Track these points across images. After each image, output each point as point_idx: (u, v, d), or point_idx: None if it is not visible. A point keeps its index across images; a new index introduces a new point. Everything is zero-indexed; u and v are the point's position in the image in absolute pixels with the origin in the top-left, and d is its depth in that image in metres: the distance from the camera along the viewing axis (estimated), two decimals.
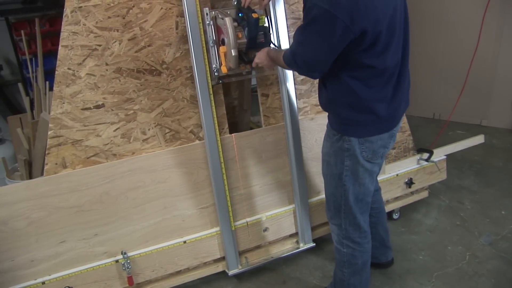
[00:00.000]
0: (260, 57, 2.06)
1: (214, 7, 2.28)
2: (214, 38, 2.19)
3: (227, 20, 2.04)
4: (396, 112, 1.88)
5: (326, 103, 1.92)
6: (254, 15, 2.01)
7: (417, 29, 4.71)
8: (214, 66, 2.22)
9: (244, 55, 2.12)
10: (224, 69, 2.17)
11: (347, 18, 1.54)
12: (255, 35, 2.07)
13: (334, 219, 2.10)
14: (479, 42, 3.34)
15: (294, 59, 1.75)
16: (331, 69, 1.73)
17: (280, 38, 2.33)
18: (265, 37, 2.11)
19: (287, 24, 2.35)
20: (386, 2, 1.65)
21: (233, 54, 2.07)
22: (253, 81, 2.26)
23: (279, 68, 2.33)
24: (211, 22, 2.16)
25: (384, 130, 1.88)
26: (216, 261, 2.50)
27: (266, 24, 2.15)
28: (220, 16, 2.10)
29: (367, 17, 1.58)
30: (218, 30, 2.17)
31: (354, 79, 1.74)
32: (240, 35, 2.08)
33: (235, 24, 2.07)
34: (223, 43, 2.14)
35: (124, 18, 2.06)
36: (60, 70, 2.00)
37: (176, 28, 2.17)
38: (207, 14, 2.15)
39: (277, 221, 2.58)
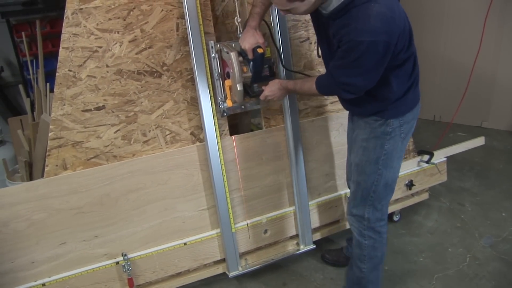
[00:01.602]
0: (272, 90, 2.11)
1: (219, 39, 2.33)
2: (219, 71, 2.22)
3: (233, 55, 2.06)
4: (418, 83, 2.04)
5: (374, 110, 1.95)
6: (259, 50, 2.04)
7: (419, 31, 4.70)
8: (219, 98, 2.25)
9: (249, 88, 2.16)
10: (229, 103, 2.21)
11: (387, 37, 1.66)
12: (261, 69, 2.11)
13: (357, 208, 2.12)
14: (481, 44, 3.34)
15: (346, 89, 1.83)
16: (380, 79, 1.81)
17: (281, 41, 2.33)
18: (270, 70, 2.16)
19: (287, 26, 2.35)
20: (398, 6, 1.73)
21: (238, 89, 2.10)
22: None
23: (281, 71, 2.34)
24: (216, 55, 2.19)
25: (417, 101, 2.04)
26: (217, 263, 2.50)
27: (269, 52, 2.19)
28: (225, 50, 2.12)
29: (398, 28, 1.70)
30: (223, 63, 2.20)
31: (399, 77, 1.86)
32: (245, 69, 2.12)
33: (240, 58, 2.10)
34: (228, 76, 2.18)
35: (124, 20, 2.07)
36: (60, 72, 2.00)
37: (177, 30, 2.18)
38: (212, 47, 2.18)
39: (278, 223, 2.58)
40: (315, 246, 2.66)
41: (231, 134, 2.37)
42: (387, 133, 1.96)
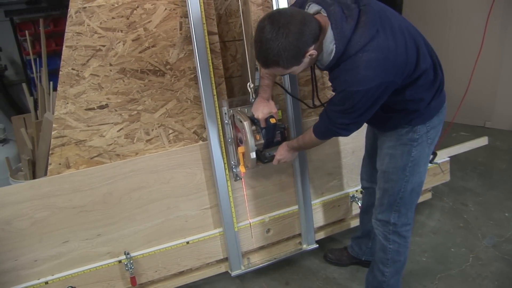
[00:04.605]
0: (282, 153, 2.18)
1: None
2: (232, 136, 2.29)
3: (246, 125, 2.13)
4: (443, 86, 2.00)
5: (405, 121, 1.94)
6: (272, 120, 2.12)
7: (420, 30, 4.70)
8: (232, 162, 2.33)
9: (261, 154, 2.21)
10: (242, 169, 2.29)
11: (380, 80, 1.66)
12: (273, 137, 2.18)
13: (382, 214, 2.11)
14: (483, 43, 3.33)
15: (347, 128, 1.84)
16: (395, 100, 1.83)
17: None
18: (282, 135, 2.22)
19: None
20: (395, 33, 1.70)
21: (251, 157, 2.17)
22: (257, 82, 2.27)
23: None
24: (229, 121, 2.25)
25: (442, 103, 1.99)
26: (219, 261, 2.51)
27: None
28: (238, 117, 2.19)
29: (395, 63, 1.68)
30: (236, 128, 2.26)
31: (421, 86, 1.84)
32: (258, 137, 2.18)
33: (253, 127, 2.16)
34: (240, 141, 2.24)
35: (128, 18, 2.06)
36: (64, 71, 2.00)
37: (180, 29, 2.17)
38: (225, 113, 2.24)
39: (280, 222, 2.58)
40: (317, 245, 2.66)
41: None
42: (414, 140, 1.95)
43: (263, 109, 2.13)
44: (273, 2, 2.28)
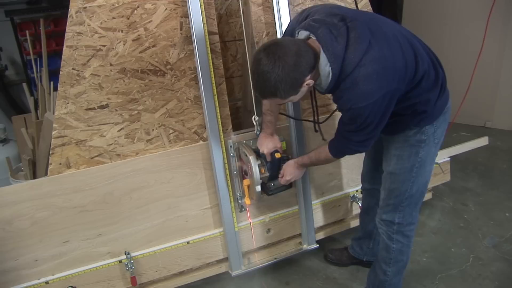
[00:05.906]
0: (291, 172, 2.19)
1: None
2: (237, 168, 2.34)
3: (251, 159, 2.18)
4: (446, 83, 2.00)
5: (414, 123, 1.94)
6: (277, 155, 2.16)
7: (421, 31, 4.70)
8: (237, 194, 2.38)
9: (265, 185, 2.24)
10: (247, 201, 2.30)
11: (385, 90, 1.66)
12: (278, 171, 2.21)
13: (387, 214, 2.12)
14: (483, 44, 3.33)
15: (365, 144, 1.84)
16: (402, 107, 1.83)
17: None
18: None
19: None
20: (389, 41, 1.70)
21: (256, 191, 2.21)
22: None
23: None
24: (235, 154, 2.31)
25: (446, 100, 1.99)
26: (219, 261, 2.50)
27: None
28: (243, 151, 2.25)
29: (395, 70, 1.68)
30: (241, 160, 2.30)
31: (425, 87, 1.83)
32: (263, 170, 2.20)
33: (259, 162, 2.19)
34: (245, 173, 2.27)
35: (128, 18, 2.06)
36: (64, 70, 2.00)
37: (181, 29, 2.17)
38: (231, 146, 2.30)
39: (281, 222, 2.57)
40: (318, 245, 2.65)
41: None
42: (422, 141, 1.94)
43: (267, 144, 2.17)
44: (273, 2, 2.28)
